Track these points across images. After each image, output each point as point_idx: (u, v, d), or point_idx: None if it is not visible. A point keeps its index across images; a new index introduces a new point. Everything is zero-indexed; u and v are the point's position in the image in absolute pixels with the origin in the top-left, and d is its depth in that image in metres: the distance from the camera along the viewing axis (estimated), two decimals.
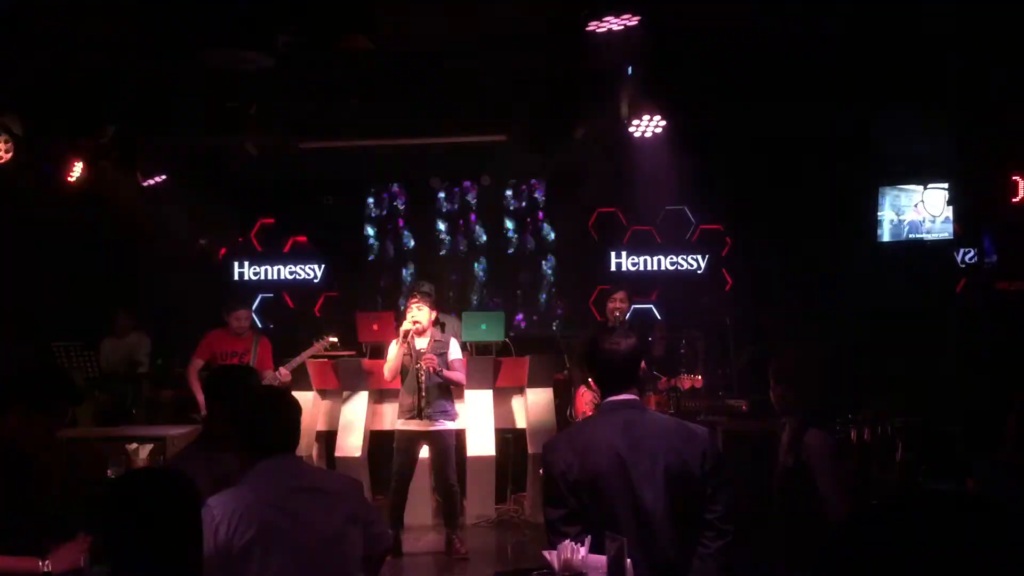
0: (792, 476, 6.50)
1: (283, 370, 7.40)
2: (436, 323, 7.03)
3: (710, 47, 6.91)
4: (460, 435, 7.30)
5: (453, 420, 6.81)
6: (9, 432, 3.22)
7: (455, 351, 6.83)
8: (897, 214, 8.63)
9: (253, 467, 2.96)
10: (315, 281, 10.33)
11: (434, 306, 6.88)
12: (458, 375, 6.79)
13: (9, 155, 6.78)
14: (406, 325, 6.66)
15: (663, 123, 7.53)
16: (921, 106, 7.49)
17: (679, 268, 9.95)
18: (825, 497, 6.30)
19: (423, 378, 6.60)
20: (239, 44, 5.59)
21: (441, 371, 6.60)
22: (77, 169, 7.98)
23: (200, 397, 7.22)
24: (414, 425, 6.67)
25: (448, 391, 6.78)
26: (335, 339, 7.69)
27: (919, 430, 3.15)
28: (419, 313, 6.66)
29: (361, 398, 8.08)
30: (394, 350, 6.69)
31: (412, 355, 6.66)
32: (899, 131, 7.81)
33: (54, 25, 6.26)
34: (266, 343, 7.56)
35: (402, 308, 7.55)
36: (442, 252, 10.29)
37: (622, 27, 5.85)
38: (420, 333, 6.70)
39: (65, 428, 6.08)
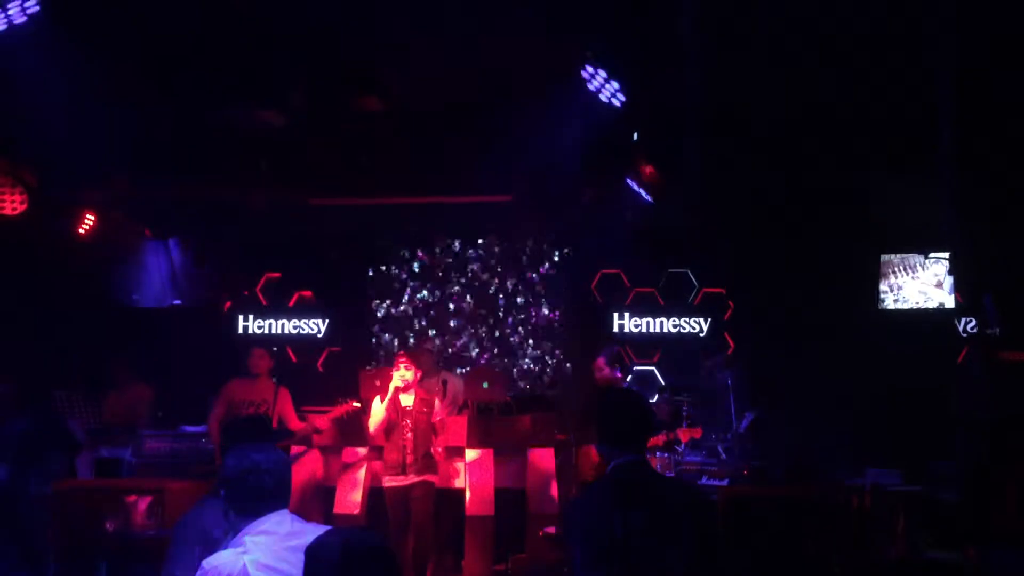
0: None
1: (320, 420, 7.65)
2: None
3: (710, 114, 7.05)
4: (457, 494, 7.57)
5: (436, 473, 7.09)
6: None
7: (439, 411, 7.10)
8: (898, 282, 8.67)
9: (244, 524, 2.94)
10: (319, 336, 10.36)
11: (421, 365, 7.17)
12: (439, 429, 7.10)
13: (24, 207, 6.91)
14: (395, 382, 6.93)
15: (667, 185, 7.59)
16: (921, 173, 7.58)
17: (681, 331, 9.97)
18: None
19: (409, 435, 6.89)
20: (254, 103, 5.72)
21: (433, 425, 6.96)
22: (88, 221, 8.09)
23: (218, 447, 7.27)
24: (401, 480, 6.91)
25: (430, 446, 7.04)
26: (358, 404, 7.69)
27: (920, 499, 3.16)
28: (406, 372, 6.94)
29: (361, 455, 8.04)
30: (379, 406, 6.95)
31: (398, 412, 6.93)
32: (900, 199, 7.89)
33: (66, 78, 6.39)
34: (285, 394, 7.72)
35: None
36: (445, 311, 10.33)
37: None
38: (405, 390, 6.94)
39: (64, 480, 6.09)
